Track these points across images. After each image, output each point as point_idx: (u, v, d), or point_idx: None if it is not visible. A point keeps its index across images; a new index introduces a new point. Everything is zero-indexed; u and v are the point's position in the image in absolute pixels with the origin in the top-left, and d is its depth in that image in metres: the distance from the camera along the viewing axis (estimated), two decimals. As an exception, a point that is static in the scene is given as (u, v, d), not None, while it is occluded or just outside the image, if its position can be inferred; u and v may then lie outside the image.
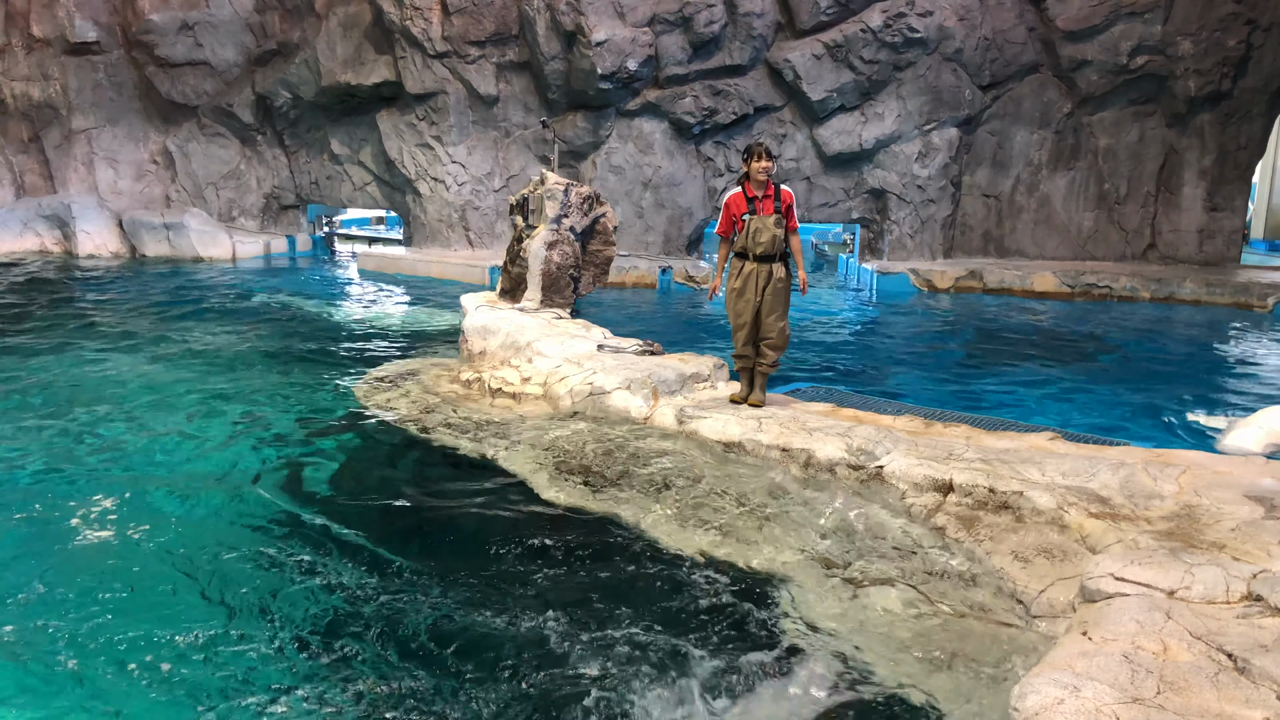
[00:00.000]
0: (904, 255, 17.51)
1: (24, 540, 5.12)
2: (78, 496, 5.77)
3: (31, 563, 4.84)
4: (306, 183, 19.84)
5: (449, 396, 7.86)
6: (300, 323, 12.05)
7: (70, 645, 4.05)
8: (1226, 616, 3.55)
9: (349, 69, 17.97)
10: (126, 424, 7.29)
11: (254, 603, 4.49)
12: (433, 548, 5.07)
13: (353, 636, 4.18)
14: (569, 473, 6.09)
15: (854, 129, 17.05)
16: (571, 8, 15.73)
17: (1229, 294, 14.76)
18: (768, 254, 6.56)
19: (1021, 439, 6.08)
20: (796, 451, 5.96)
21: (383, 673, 3.91)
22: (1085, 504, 4.87)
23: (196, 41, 18.75)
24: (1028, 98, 17.42)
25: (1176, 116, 16.99)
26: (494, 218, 17.96)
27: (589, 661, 3.97)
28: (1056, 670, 3.15)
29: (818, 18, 16.38)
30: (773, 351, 6.74)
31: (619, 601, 4.46)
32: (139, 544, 5.08)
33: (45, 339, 10.51)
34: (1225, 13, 16.19)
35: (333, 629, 4.25)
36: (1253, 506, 4.69)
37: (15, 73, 18.89)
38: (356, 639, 4.15)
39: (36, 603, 4.42)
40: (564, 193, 9.97)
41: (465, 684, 3.83)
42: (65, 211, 18.65)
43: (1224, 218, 17.28)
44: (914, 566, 4.74)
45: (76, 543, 5.09)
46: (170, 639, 4.12)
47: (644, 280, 15.80)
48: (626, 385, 7.17)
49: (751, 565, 4.82)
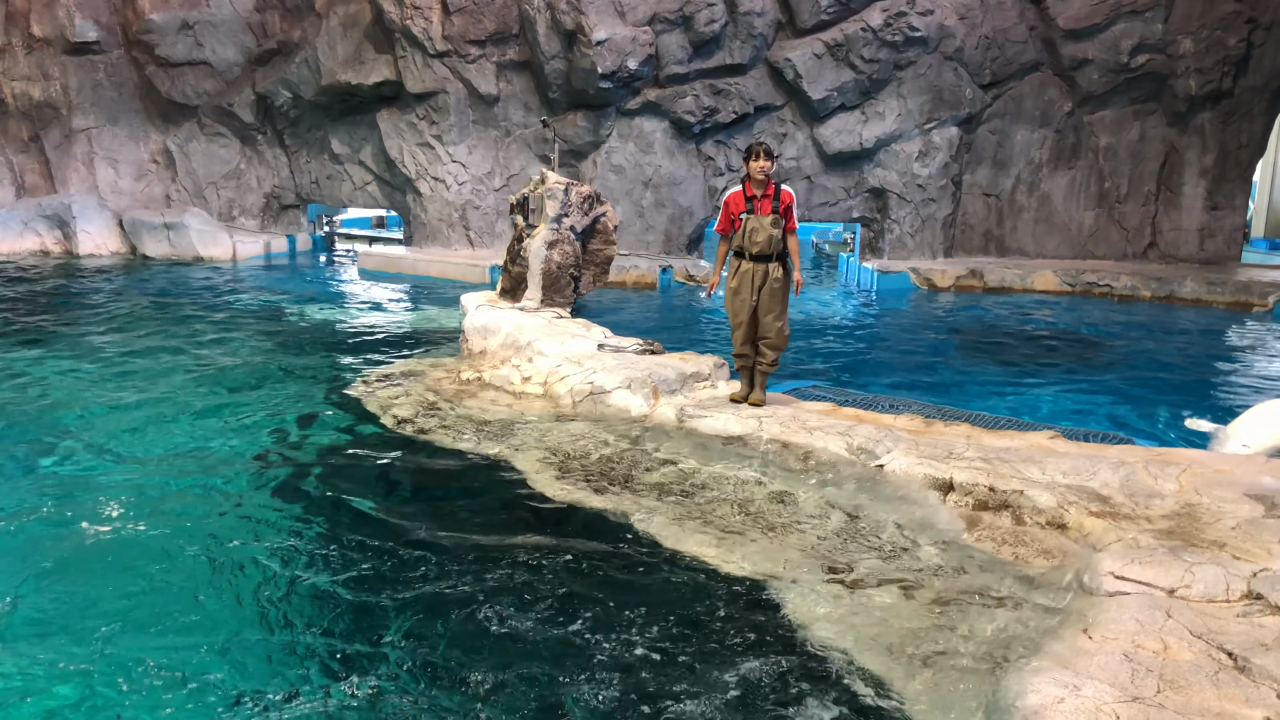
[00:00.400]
0: (904, 254, 17.50)
1: (19, 546, 5.12)
2: (76, 498, 5.77)
3: (28, 566, 4.84)
4: (307, 182, 19.84)
5: (449, 396, 7.86)
6: (300, 322, 12.06)
7: (72, 652, 4.04)
8: (1227, 615, 3.55)
9: (349, 68, 17.97)
10: (124, 424, 7.28)
11: (255, 604, 4.49)
12: (434, 547, 5.07)
13: (356, 635, 4.18)
14: (569, 472, 6.09)
15: (854, 128, 17.04)
16: (572, 7, 15.72)
17: (1230, 293, 14.75)
18: (764, 254, 6.55)
19: (1022, 438, 6.07)
20: (797, 450, 5.96)
21: (387, 671, 3.91)
22: (1086, 503, 4.87)
23: (197, 41, 18.76)
24: (1028, 97, 17.41)
25: (1177, 115, 16.98)
26: (494, 217, 17.96)
27: (585, 661, 3.97)
28: (1057, 668, 3.15)
29: (818, 17, 16.37)
30: (771, 351, 6.73)
31: (617, 601, 4.46)
32: (137, 546, 5.08)
33: (44, 336, 10.51)
34: (1226, 11, 16.18)
35: (333, 629, 4.25)
36: (1253, 505, 4.69)
37: (15, 72, 18.89)
38: (359, 637, 4.16)
39: (36, 608, 4.42)
40: (564, 192, 9.97)
41: (467, 682, 3.83)
42: (65, 211, 18.65)
43: (1225, 216, 17.27)
44: (914, 565, 4.74)
45: (74, 546, 5.09)
46: (172, 641, 4.12)
47: (644, 279, 15.80)
48: (627, 384, 7.17)
49: (751, 565, 4.81)
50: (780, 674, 3.88)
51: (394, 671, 3.91)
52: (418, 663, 3.97)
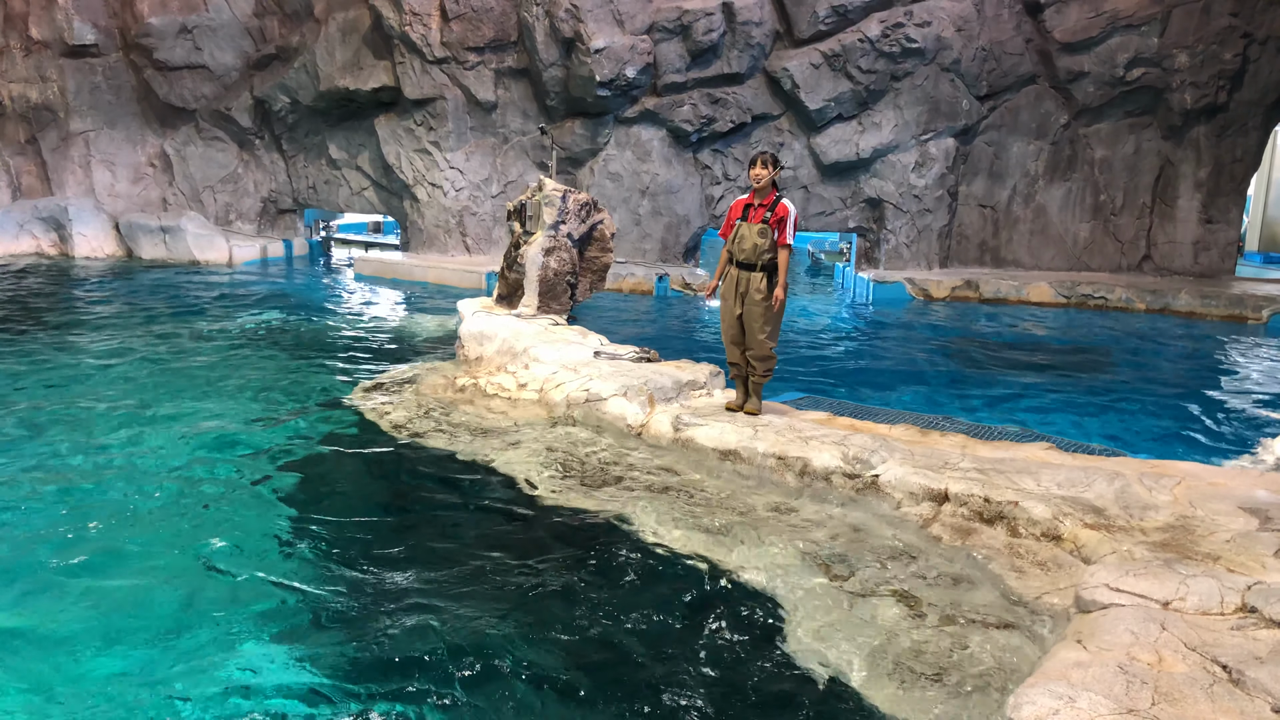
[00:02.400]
0: (900, 265, 17.54)
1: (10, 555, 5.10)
2: (72, 505, 5.74)
3: (25, 574, 4.82)
4: (304, 187, 19.83)
5: (445, 402, 7.86)
6: (296, 327, 12.04)
7: (37, 668, 4.01)
8: (1221, 628, 3.55)
9: (347, 74, 17.98)
10: (120, 430, 7.26)
11: (255, 610, 4.47)
12: (431, 553, 5.06)
13: (346, 641, 4.16)
14: (565, 478, 6.09)
15: (851, 138, 17.09)
16: (570, 15, 15.76)
17: (1224, 306, 14.80)
18: (748, 262, 6.56)
19: (1017, 449, 6.09)
20: (792, 460, 5.96)
21: (384, 677, 3.89)
22: (1080, 514, 4.88)
23: (195, 45, 18.77)
24: (1024, 109, 17.48)
25: (1172, 129, 17.05)
26: (491, 224, 17.97)
27: (578, 664, 3.96)
28: (1052, 681, 3.15)
29: (816, 27, 16.44)
30: (759, 364, 6.73)
31: (613, 609, 4.45)
32: (133, 554, 5.06)
33: (34, 342, 10.48)
34: (1222, 26, 16.27)
35: (326, 635, 4.24)
36: (1247, 518, 4.70)
37: (13, 74, 18.88)
38: (349, 644, 4.14)
39: (30, 623, 4.40)
40: (562, 199, 9.97)
41: (461, 687, 3.81)
42: (62, 214, 18.63)
43: (1219, 230, 17.34)
44: (909, 575, 4.74)
45: (55, 554, 5.07)
46: (169, 652, 4.10)
47: (641, 287, 15.81)
48: (623, 392, 7.17)
49: (747, 575, 4.81)
50: (770, 680, 3.87)
51: (388, 676, 3.90)
52: (416, 667, 3.96)
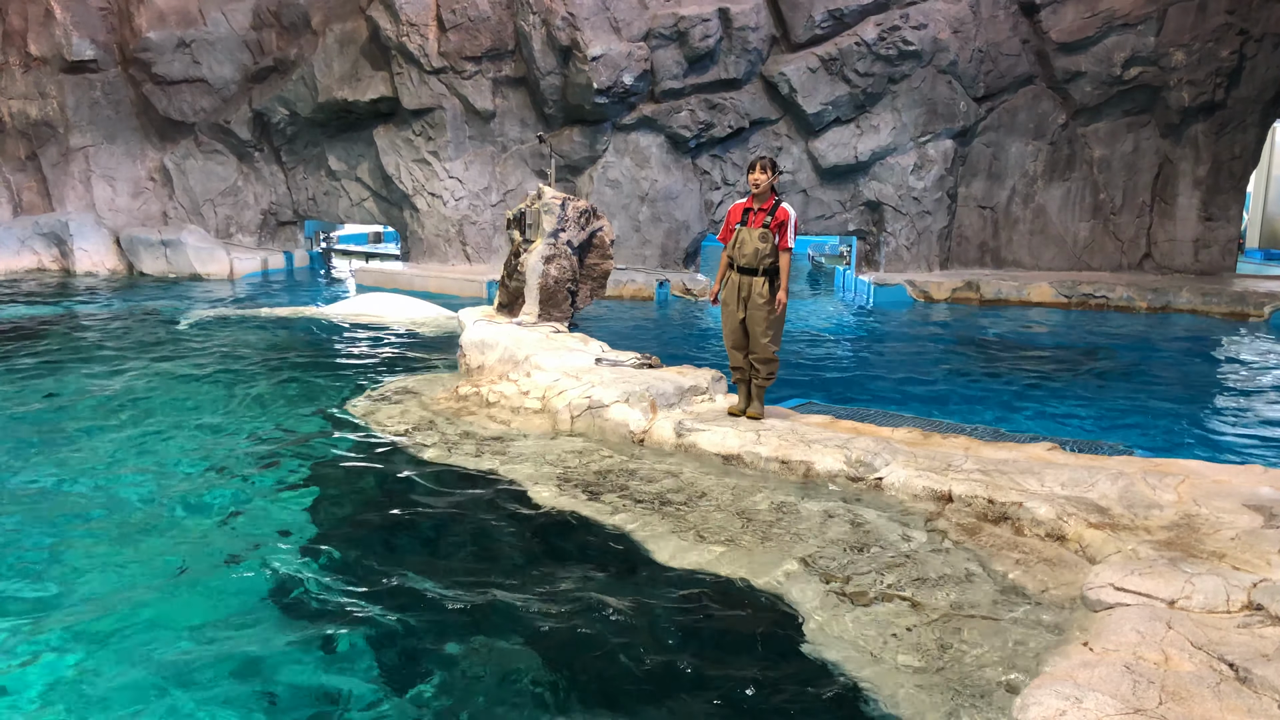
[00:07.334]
0: (900, 267, 17.55)
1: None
2: (77, 519, 5.75)
3: (26, 587, 4.82)
4: (304, 199, 19.87)
5: (447, 412, 7.86)
6: (297, 339, 12.04)
7: (75, 685, 4.02)
8: (1227, 626, 3.54)
9: (346, 85, 18.03)
10: (120, 445, 7.26)
11: (257, 619, 4.47)
12: (434, 563, 5.05)
13: (348, 651, 4.16)
14: (569, 486, 6.08)
15: (849, 141, 17.11)
16: (567, 23, 15.80)
17: (1225, 303, 14.80)
18: (749, 266, 6.57)
19: (1020, 450, 6.08)
20: (795, 464, 5.95)
21: (389, 683, 3.89)
22: (1085, 514, 4.87)
23: (193, 59, 18.83)
24: (1022, 109, 17.50)
25: (1170, 127, 17.07)
26: (491, 232, 17.99)
27: (582, 671, 3.95)
28: (1058, 681, 3.14)
29: (812, 31, 16.47)
30: (763, 367, 6.74)
31: (619, 615, 4.44)
32: (137, 571, 5.06)
33: (34, 358, 10.50)
34: (1218, 23, 16.29)
35: (326, 644, 4.24)
36: (1252, 515, 4.69)
37: (13, 91, 18.94)
38: (351, 653, 4.14)
39: (38, 648, 4.40)
40: (561, 207, 9.99)
41: (466, 689, 3.81)
42: (63, 229, 18.67)
43: (1219, 227, 17.34)
44: (914, 577, 4.73)
45: (74, 561, 5.07)
46: (173, 663, 4.10)
47: (641, 293, 15.82)
48: (625, 398, 7.17)
49: (752, 579, 4.80)
50: (780, 686, 3.86)
51: (389, 680, 3.89)
52: (414, 674, 3.95)
